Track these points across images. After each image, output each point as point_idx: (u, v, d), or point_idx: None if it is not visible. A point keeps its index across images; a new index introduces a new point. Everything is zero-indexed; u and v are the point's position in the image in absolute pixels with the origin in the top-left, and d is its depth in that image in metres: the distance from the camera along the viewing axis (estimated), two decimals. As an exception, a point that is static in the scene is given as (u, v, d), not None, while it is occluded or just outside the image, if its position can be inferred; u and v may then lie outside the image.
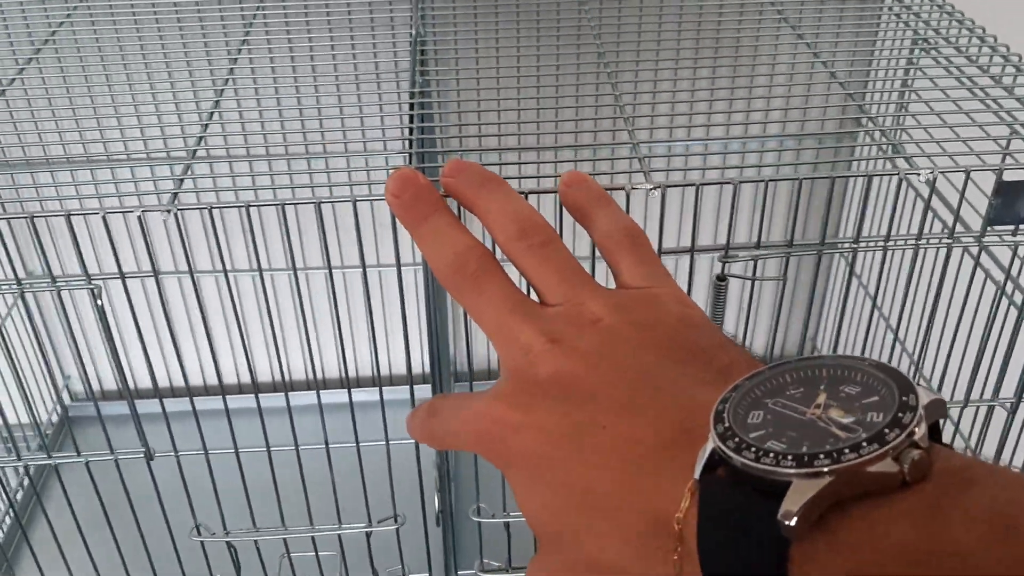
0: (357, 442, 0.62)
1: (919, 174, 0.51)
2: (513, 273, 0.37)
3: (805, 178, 0.51)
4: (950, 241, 0.54)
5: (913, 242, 0.54)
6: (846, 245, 0.53)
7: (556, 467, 0.31)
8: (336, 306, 0.74)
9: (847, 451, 0.25)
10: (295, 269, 0.52)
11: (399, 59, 0.70)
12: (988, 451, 0.66)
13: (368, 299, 0.57)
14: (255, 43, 0.71)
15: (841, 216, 0.96)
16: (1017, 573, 0.22)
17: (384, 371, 1.03)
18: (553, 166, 0.60)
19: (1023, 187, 0.52)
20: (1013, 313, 0.59)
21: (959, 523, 0.23)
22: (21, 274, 0.84)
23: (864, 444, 0.25)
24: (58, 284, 0.53)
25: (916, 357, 0.62)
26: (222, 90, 0.65)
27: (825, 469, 0.25)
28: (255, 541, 0.66)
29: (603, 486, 0.30)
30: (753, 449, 0.26)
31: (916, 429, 0.25)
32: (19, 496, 0.88)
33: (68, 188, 0.85)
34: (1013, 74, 0.63)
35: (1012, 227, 0.55)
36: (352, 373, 1.02)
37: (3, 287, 0.54)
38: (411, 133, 0.59)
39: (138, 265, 0.91)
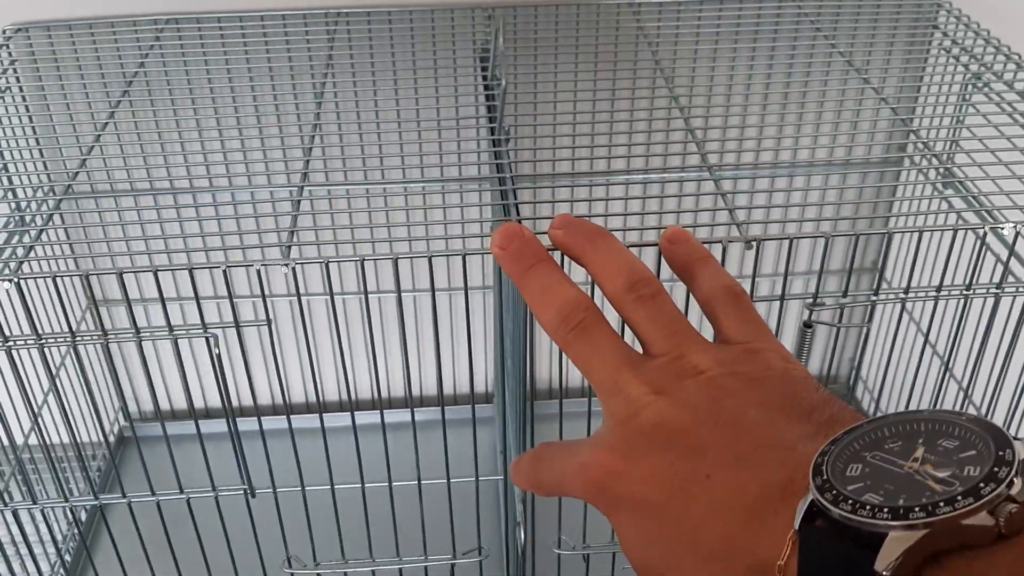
0: (448, 478, 0.64)
1: (1003, 228, 0.54)
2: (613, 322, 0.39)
3: (894, 231, 0.53)
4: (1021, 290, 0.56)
5: (994, 290, 0.56)
6: (930, 294, 0.56)
7: (664, 515, 0.33)
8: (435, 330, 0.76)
9: (943, 504, 0.26)
10: (366, 293, 0.54)
11: (471, 94, 0.73)
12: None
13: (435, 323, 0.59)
14: (338, 88, 0.74)
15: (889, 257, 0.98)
16: None
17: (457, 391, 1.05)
18: (624, 189, 0.62)
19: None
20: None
21: None
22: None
23: (959, 498, 0.26)
24: (176, 333, 0.55)
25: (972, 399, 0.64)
26: (312, 136, 0.67)
27: (920, 522, 0.26)
28: (345, 573, 0.68)
29: (710, 535, 0.31)
30: (851, 501, 0.27)
31: (1013, 483, 0.26)
32: (80, 531, 0.90)
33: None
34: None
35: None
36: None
37: (123, 335, 0.56)
38: (496, 170, 0.62)
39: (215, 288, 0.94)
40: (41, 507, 0.66)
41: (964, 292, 0.56)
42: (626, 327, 0.39)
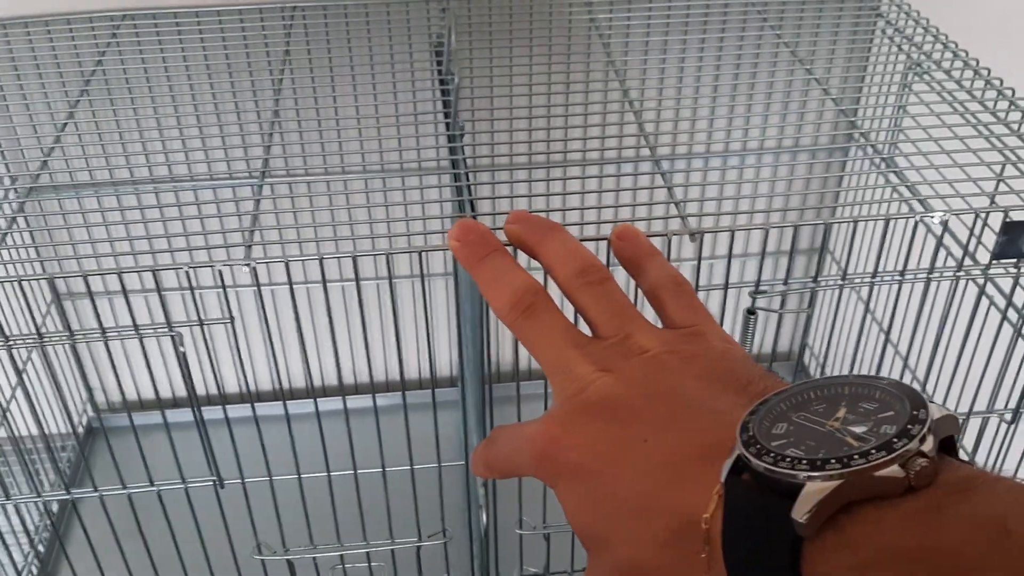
0: (412, 464, 0.66)
1: (933, 216, 0.56)
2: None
3: (830, 222, 0.56)
4: (960, 274, 0.59)
5: (925, 276, 0.59)
6: (865, 280, 0.58)
7: (601, 479, 0.34)
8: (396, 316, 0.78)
9: (857, 457, 0.27)
10: (358, 280, 0.56)
11: (428, 88, 0.74)
12: (984, 460, 0.72)
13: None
14: (296, 83, 0.75)
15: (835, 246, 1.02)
16: (1010, 573, 0.24)
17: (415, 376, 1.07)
18: (580, 182, 0.64)
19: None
20: (1007, 333, 0.65)
21: (957, 525, 0.25)
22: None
23: (873, 452, 0.27)
24: (141, 332, 0.57)
25: (923, 376, 0.67)
26: (271, 132, 0.69)
27: (835, 473, 0.27)
28: (313, 558, 0.70)
29: (641, 493, 0.33)
30: (773, 455, 0.29)
31: (925, 439, 0.27)
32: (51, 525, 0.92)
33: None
34: (998, 99, 0.68)
35: (1014, 260, 0.60)
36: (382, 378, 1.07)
37: (90, 336, 0.57)
38: (452, 153, 0.64)
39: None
40: (14, 502, 0.67)
41: (897, 278, 0.58)
42: (576, 317, 0.41)
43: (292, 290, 0.58)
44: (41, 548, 0.86)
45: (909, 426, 0.28)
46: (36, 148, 0.69)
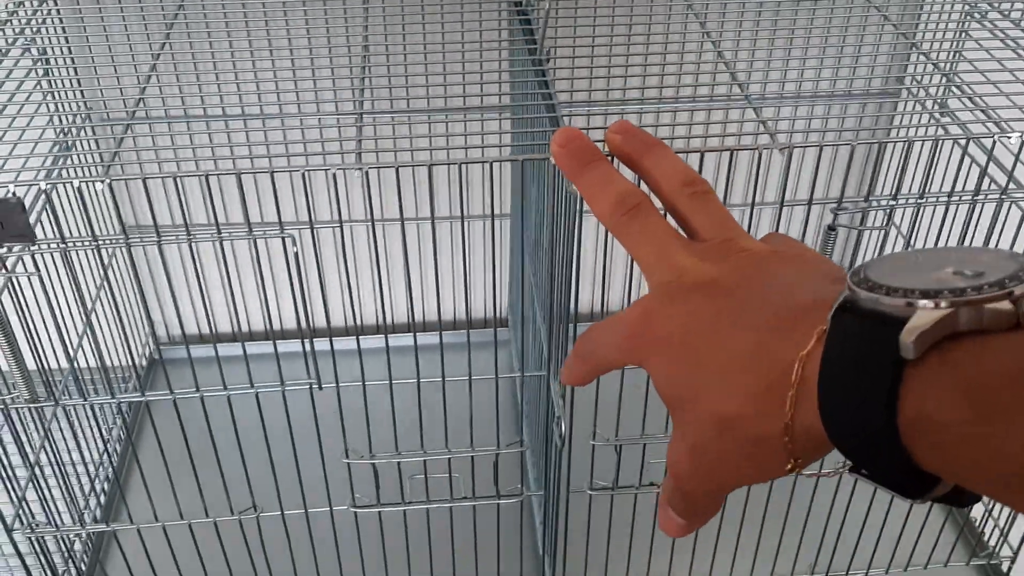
0: (496, 376, 0.70)
1: (1010, 136, 0.59)
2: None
3: (909, 139, 0.58)
4: (1005, 196, 0.61)
5: (970, 198, 0.61)
6: (931, 200, 0.61)
7: (697, 343, 0.35)
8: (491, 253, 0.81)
9: (970, 290, 0.28)
10: (434, 218, 0.59)
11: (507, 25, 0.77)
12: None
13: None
14: (388, 19, 0.78)
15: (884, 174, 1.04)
16: None
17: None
18: (671, 117, 0.67)
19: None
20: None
21: None
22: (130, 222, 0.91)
23: (986, 287, 0.28)
24: (255, 233, 0.60)
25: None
26: (364, 56, 0.72)
27: (947, 301, 0.28)
28: (398, 463, 0.74)
29: (740, 347, 0.33)
30: (884, 288, 0.29)
31: None
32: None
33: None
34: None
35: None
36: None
37: (201, 235, 0.61)
38: (542, 88, 0.66)
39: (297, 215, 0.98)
40: (91, 403, 0.71)
41: (945, 200, 0.61)
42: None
43: (401, 206, 0.61)
44: (117, 448, 0.91)
45: (1020, 272, 0.29)
46: (132, 82, 0.72)
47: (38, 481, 0.73)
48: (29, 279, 0.62)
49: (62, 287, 0.69)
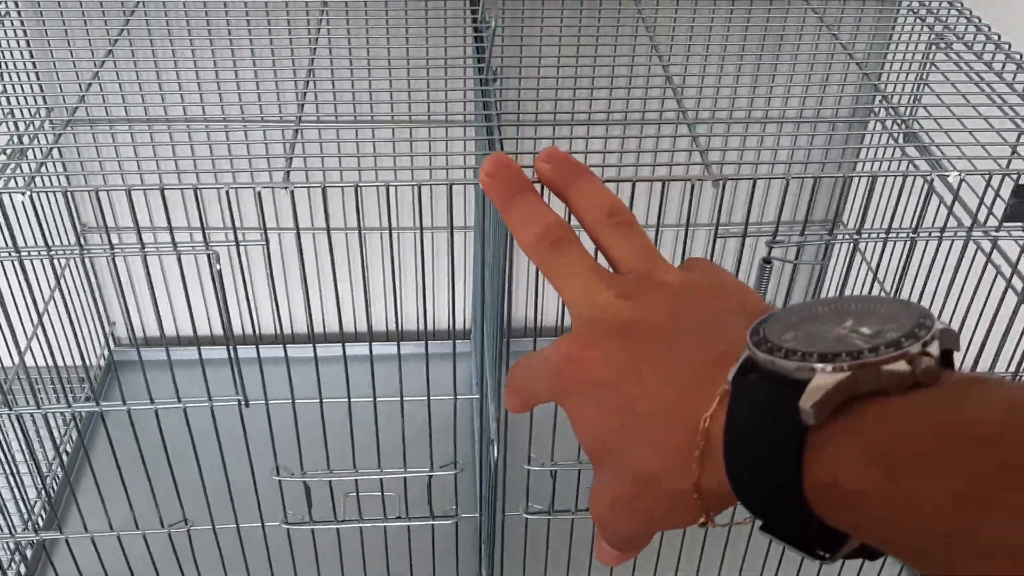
0: (428, 396, 0.69)
1: (948, 175, 0.58)
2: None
3: (848, 175, 0.58)
4: (972, 234, 0.61)
5: (938, 235, 0.61)
6: (879, 235, 0.60)
7: (611, 392, 0.35)
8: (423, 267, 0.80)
9: (867, 351, 0.28)
10: (391, 229, 0.58)
11: (459, 43, 0.76)
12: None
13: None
14: (332, 28, 0.77)
15: (847, 203, 1.04)
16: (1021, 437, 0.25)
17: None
18: (603, 142, 0.66)
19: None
20: (1011, 299, 0.67)
21: (968, 404, 0.26)
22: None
23: (882, 348, 0.28)
24: (179, 249, 0.59)
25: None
26: (309, 69, 0.71)
27: (845, 364, 0.28)
28: (329, 482, 0.73)
29: (650, 405, 0.34)
30: (783, 351, 0.29)
31: (929, 343, 0.28)
32: (71, 438, 0.95)
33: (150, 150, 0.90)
34: (1017, 72, 0.70)
35: (1022, 224, 0.62)
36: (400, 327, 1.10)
37: (128, 250, 0.60)
38: (482, 108, 0.66)
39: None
40: (44, 412, 0.70)
41: (911, 235, 0.61)
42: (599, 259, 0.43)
43: (328, 217, 0.60)
44: (65, 456, 0.90)
45: (916, 329, 0.29)
46: (74, 83, 0.71)
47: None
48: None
49: (11, 292, 0.68)
